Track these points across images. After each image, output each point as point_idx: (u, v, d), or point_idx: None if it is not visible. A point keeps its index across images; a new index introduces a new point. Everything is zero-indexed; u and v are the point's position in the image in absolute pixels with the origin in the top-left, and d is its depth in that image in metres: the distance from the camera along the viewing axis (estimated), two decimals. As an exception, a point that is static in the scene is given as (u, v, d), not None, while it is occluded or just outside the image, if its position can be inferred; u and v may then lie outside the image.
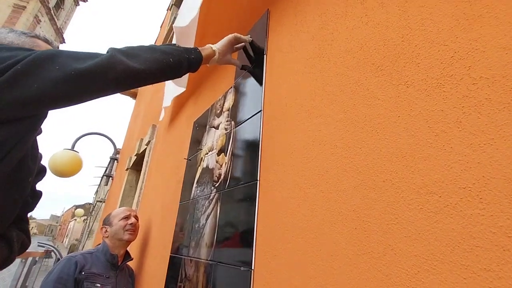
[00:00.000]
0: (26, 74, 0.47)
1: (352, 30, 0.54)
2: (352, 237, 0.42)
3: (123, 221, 1.30)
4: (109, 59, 0.55)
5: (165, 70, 0.67)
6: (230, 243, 0.73)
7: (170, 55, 0.67)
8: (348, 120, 0.49)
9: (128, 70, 0.58)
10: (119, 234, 1.27)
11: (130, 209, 1.40)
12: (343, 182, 0.46)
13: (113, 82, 0.56)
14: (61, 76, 0.49)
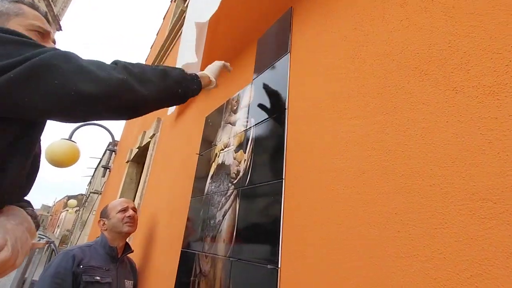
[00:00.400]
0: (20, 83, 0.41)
1: (391, 32, 0.54)
2: (394, 240, 0.42)
3: (120, 214, 1.28)
4: (118, 84, 0.49)
5: (173, 99, 0.66)
6: (252, 240, 0.73)
7: (179, 85, 0.65)
8: (388, 122, 0.49)
9: (137, 98, 0.53)
10: (118, 227, 1.26)
11: (127, 200, 1.38)
12: (382, 185, 0.47)
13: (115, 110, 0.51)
14: (60, 94, 0.44)
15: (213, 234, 0.94)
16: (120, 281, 1.22)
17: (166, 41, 3.05)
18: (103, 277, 1.14)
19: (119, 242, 1.27)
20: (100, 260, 1.17)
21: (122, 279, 1.24)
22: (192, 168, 1.30)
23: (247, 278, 0.71)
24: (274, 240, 0.65)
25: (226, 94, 1.22)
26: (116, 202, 1.36)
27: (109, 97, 0.48)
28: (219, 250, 0.87)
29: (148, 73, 0.58)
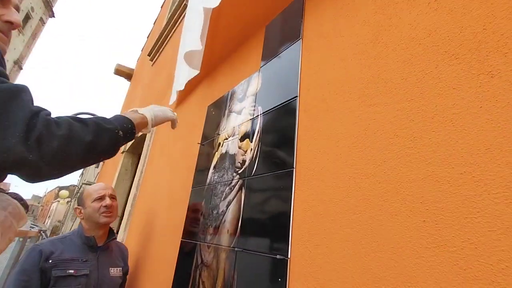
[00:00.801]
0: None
1: (417, 16, 0.52)
2: (419, 230, 0.41)
3: (96, 203, 1.15)
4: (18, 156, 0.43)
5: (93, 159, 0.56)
6: (259, 230, 0.71)
7: (105, 154, 0.57)
8: (414, 109, 0.47)
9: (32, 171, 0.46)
10: (94, 217, 1.14)
11: (104, 186, 1.22)
12: (406, 174, 0.45)
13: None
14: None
15: (216, 224, 0.91)
16: (103, 270, 1.13)
17: (165, 30, 2.98)
18: (78, 269, 1.05)
19: (98, 231, 1.16)
20: (76, 251, 1.09)
21: (106, 267, 1.15)
22: (193, 158, 1.26)
23: (253, 269, 0.68)
24: (284, 231, 0.63)
25: (230, 82, 1.19)
26: (91, 188, 1.21)
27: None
28: (223, 240, 0.84)
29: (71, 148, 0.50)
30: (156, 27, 4.52)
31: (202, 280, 0.88)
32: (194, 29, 1.35)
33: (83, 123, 0.54)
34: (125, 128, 0.63)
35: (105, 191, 1.20)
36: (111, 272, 1.16)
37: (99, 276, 1.10)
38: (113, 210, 1.19)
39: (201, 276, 0.89)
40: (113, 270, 1.17)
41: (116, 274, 1.18)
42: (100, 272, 1.11)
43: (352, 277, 0.47)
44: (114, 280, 1.16)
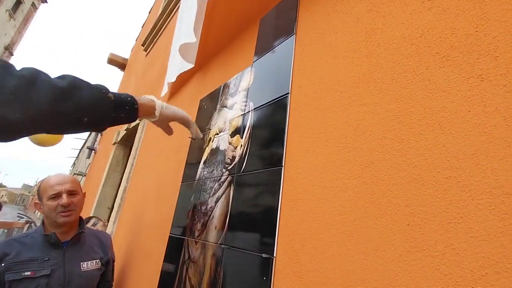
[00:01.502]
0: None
1: (410, 15, 0.51)
2: (403, 233, 0.40)
3: (52, 201, 1.01)
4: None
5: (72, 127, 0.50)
6: (246, 228, 0.71)
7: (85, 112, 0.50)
8: (402, 111, 0.46)
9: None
10: (51, 217, 1.02)
11: (61, 181, 1.05)
12: (393, 176, 0.44)
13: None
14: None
15: (204, 220, 0.91)
16: (71, 267, 1.03)
17: (159, 19, 2.91)
18: (38, 270, 0.96)
19: (60, 228, 1.05)
20: (37, 250, 1.00)
21: (75, 263, 1.05)
22: (183, 153, 1.25)
23: (239, 266, 0.68)
24: (270, 229, 0.63)
25: (223, 76, 1.16)
26: (47, 183, 1.05)
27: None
28: (210, 236, 0.84)
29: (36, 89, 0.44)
30: (151, 16, 4.43)
31: (188, 276, 0.87)
32: (189, 21, 1.31)
33: (60, 76, 0.49)
34: (121, 99, 0.57)
35: (61, 187, 1.03)
36: (83, 266, 1.07)
37: (66, 274, 1.01)
38: (73, 208, 1.05)
39: (187, 271, 0.88)
40: (86, 264, 1.08)
41: (90, 268, 1.09)
42: (68, 269, 1.02)
43: (336, 278, 0.47)
44: (87, 274, 1.07)
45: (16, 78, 0.42)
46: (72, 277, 1.03)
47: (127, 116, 0.59)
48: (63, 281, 1.01)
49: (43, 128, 0.46)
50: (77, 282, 1.04)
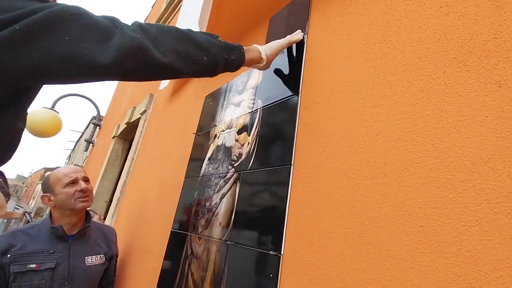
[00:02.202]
0: (26, 39, 0.37)
1: (427, 19, 0.51)
2: (416, 235, 0.41)
3: (69, 188, 1.04)
4: (131, 43, 0.45)
5: (195, 68, 0.55)
6: (252, 225, 0.71)
7: (205, 53, 0.56)
8: (418, 113, 0.47)
9: (151, 61, 0.48)
10: (69, 204, 1.03)
11: (75, 169, 1.10)
12: (406, 178, 0.45)
13: (129, 73, 0.47)
14: (70, 53, 0.39)
15: (208, 216, 0.91)
16: (75, 261, 1.04)
17: (163, 15, 2.90)
18: (42, 262, 0.96)
19: (72, 218, 1.06)
20: (43, 241, 1.00)
21: (80, 257, 1.06)
22: (187, 148, 1.25)
23: (245, 263, 0.68)
24: (278, 227, 0.63)
25: (230, 74, 1.16)
26: (60, 172, 1.07)
27: (123, 60, 0.44)
28: (215, 233, 0.84)
29: (167, 33, 0.51)
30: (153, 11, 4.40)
31: (191, 272, 0.87)
32: (194, 14, 1.31)
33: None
34: (229, 43, 0.62)
35: (77, 174, 1.08)
36: (88, 261, 1.08)
37: (70, 268, 1.02)
38: (89, 193, 1.09)
39: (190, 267, 0.88)
40: (91, 259, 1.09)
41: (94, 263, 1.10)
42: (72, 263, 1.03)
43: (345, 277, 0.47)
44: (91, 269, 1.08)
45: (154, 27, 0.51)
46: (76, 272, 1.03)
47: (237, 60, 0.63)
48: (67, 275, 1.01)
49: (176, 70, 0.53)
50: (80, 277, 1.04)
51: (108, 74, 0.44)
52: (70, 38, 0.39)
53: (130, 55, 0.44)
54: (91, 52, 0.41)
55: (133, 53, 0.45)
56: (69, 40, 0.39)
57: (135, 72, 0.47)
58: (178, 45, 0.52)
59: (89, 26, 0.41)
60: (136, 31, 0.47)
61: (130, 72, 0.46)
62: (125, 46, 0.44)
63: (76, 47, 0.40)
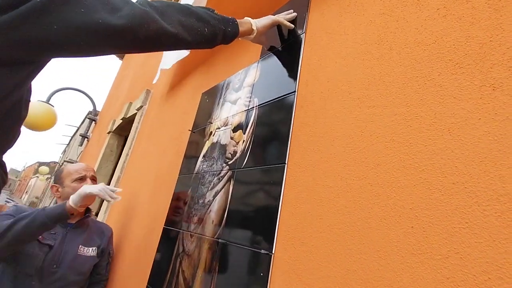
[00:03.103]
0: (45, 12, 0.41)
1: (424, 21, 0.51)
2: (407, 236, 0.41)
3: (76, 183, 1.12)
4: (142, 14, 0.50)
5: (198, 39, 0.61)
6: (244, 224, 0.71)
7: (206, 24, 0.62)
8: (412, 115, 0.46)
9: (161, 30, 0.53)
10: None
11: (85, 167, 1.18)
12: (399, 179, 0.44)
13: (141, 41, 0.51)
14: (87, 22, 0.43)
15: (201, 214, 0.90)
16: (69, 246, 1.10)
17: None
18: (45, 237, 1.04)
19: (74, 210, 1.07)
20: None
21: (74, 244, 1.11)
22: (182, 145, 1.24)
23: (236, 261, 0.68)
24: (270, 226, 0.63)
25: (227, 70, 1.16)
26: (72, 167, 1.16)
27: (136, 28, 0.48)
28: (207, 230, 0.83)
29: (170, 7, 0.56)
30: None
31: (182, 269, 0.86)
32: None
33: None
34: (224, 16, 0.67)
35: (86, 172, 1.16)
36: (80, 249, 1.12)
37: (62, 252, 1.07)
38: None
39: (181, 264, 0.88)
40: (84, 249, 1.14)
41: (86, 254, 1.14)
42: (66, 247, 1.08)
43: (335, 277, 0.47)
44: (81, 258, 1.12)
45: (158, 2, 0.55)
46: (65, 257, 1.08)
47: (233, 31, 0.69)
48: (56, 258, 1.06)
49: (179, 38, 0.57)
50: (68, 263, 1.08)
51: (122, 41, 0.48)
52: (86, 10, 0.43)
53: (141, 24, 0.49)
54: (106, 20, 0.45)
55: (144, 24, 0.49)
56: (84, 12, 0.43)
57: (145, 40, 0.51)
58: (181, 17, 0.57)
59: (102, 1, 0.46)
60: (144, 5, 0.51)
61: (141, 40, 0.50)
62: (137, 16, 0.48)
63: (92, 17, 0.44)
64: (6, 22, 0.39)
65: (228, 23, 0.68)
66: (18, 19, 0.40)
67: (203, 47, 0.66)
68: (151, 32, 0.51)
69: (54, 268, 1.04)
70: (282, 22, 0.83)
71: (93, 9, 0.44)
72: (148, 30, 0.50)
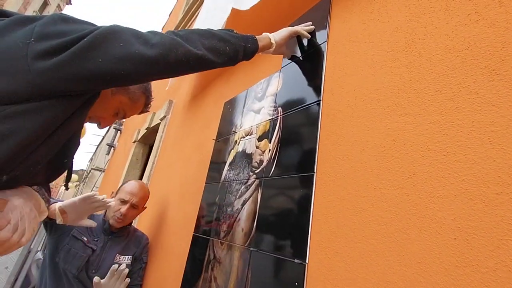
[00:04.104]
0: (92, 48, 0.48)
1: (455, 27, 0.50)
2: (450, 247, 0.40)
3: (118, 204, 1.22)
4: (171, 41, 0.56)
5: (221, 58, 0.66)
6: (275, 232, 0.72)
7: (227, 43, 0.66)
8: (448, 123, 0.46)
9: (188, 53, 0.58)
10: (111, 212, 1.23)
11: (134, 192, 1.26)
12: (437, 189, 0.44)
13: (172, 65, 0.56)
14: (125, 54, 0.50)
15: (229, 222, 0.92)
16: (108, 254, 1.20)
17: (180, 24, 2.97)
18: (89, 240, 1.16)
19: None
20: (98, 226, 1.17)
21: (112, 252, 1.21)
22: (207, 154, 1.27)
23: (269, 270, 0.69)
24: (302, 235, 0.64)
25: (249, 80, 1.18)
26: (126, 187, 1.27)
27: (166, 54, 0.54)
28: (237, 238, 0.85)
29: (194, 33, 0.62)
30: (171, 19, 4.52)
31: (214, 276, 0.89)
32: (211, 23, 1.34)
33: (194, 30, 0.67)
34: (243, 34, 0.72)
35: (131, 197, 1.24)
36: (117, 258, 1.22)
37: (102, 258, 1.18)
38: (124, 218, 1.23)
39: (213, 271, 0.90)
40: (120, 257, 1.23)
41: (121, 262, 1.22)
42: (105, 254, 1.19)
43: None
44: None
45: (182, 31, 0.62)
46: (103, 264, 1.18)
47: (253, 47, 0.73)
48: (96, 264, 1.16)
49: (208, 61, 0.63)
50: (105, 270, 1.16)
51: (156, 67, 0.53)
52: (124, 44, 0.50)
53: (171, 50, 0.55)
54: (140, 51, 0.51)
55: (173, 49, 0.55)
56: (123, 45, 0.50)
57: (176, 63, 0.56)
58: (204, 40, 0.62)
59: (134, 34, 0.53)
60: (170, 34, 0.57)
61: (172, 64, 0.55)
62: (167, 44, 0.54)
63: (129, 49, 0.50)
64: (63, 60, 0.46)
65: (248, 40, 0.72)
66: (72, 56, 0.46)
67: (227, 65, 0.70)
68: (180, 55, 0.56)
69: (93, 272, 1.14)
70: (299, 31, 0.86)
71: (129, 43, 0.51)
72: (177, 54, 0.56)
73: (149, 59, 0.52)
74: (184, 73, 0.62)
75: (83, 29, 0.49)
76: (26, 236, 0.54)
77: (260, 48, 0.76)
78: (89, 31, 0.48)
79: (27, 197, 0.56)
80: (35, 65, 0.45)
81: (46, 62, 0.45)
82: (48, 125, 0.48)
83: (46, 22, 0.48)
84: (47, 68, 0.45)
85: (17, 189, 0.54)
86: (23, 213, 0.53)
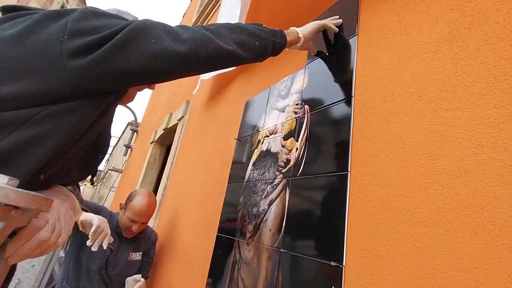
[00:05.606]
0: (125, 46, 0.47)
1: (507, 13, 0.47)
2: (510, 251, 0.37)
3: (128, 221, 1.30)
4: (201, 36, 0.54)
5: (251, 53, 0.64)
6: (308, 234, 0.70)
7: (257, 38, 0.65)
8: (503, 117, 0.43)
9: (218, 49, 0.57)
10: (121, 225, 1.32)
11: (144, 212, 1.31)
12: (494, 188, 0.41)
13: (203, 61, 0.55)
14: (157, 50, 0.49)
15: (256, 222, 0.91)
16: (122, 254, 1.33)
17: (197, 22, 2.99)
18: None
19: None
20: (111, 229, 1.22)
21: (126, 252, 1.34)
22: (228, 153, 1.27)
23: (301, 272, 0.67)
24: (337, 237, 0.61)
25: (271, 78, 1.16)
26: (135, 205, 1.30)
27: (197, 50, 0.53)
28: (264, 239, 0.84)
29: (223, 28, 0.60)
30: (185, 19, 4.56)
31: (241, 277, 0.88)
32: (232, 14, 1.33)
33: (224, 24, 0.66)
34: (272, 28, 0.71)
35: (139, 218, 1.30)
36: (130, 256, 1.36)
37: (118, 257, 1.32)
38: (136, 233, 1.34)
39: (240, 272, 0.89)
40: (133, 254, 1.37)
41: (134, 258, 1.37)
42: (120, 254, 1.33)
43: (423, 293, 0.44)
44: (130, 263, 1.36)
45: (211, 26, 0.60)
46: (119, 263, 1.33)
47: (281, 42, 0.72)
48: (113, 262, 1.30)
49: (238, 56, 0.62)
50: (122, 268, 1.32)
51: (187, 63, 0.53)
52: (155, 40, 0.49)
53: (202, 46, 0.53)
54: (172, 47, 0.50)
55: (204, 44, 0.54)
56: (154, 42, 0.49)
57: (206, 59, 0.55)
58: (234, 35, 0.61)
59: (166, 30, 0.51)
60: (200, 29, 0.56)
61: (203, 60, 0.54)
62: (197, 40, 0.53)
63: (161, 45, 0.49)
64: (97, 58, 0.45)
65: (276, 34, 0.71)
66: (106, 54, 0.46)
67: (256, 60, 0.68)
68: (210, 51, 0.55)
69: (111, 270, 1.29)
70: (327, 25, 0.83)
71: (161, 39, 0.50)
72: (207, 50, 0.55)
73: (180, 55, 0.51)
74: (214, 69, 0.61)
75: (115, 24, 0.48)
76: (62, 237, 0.55)
77: (288, 42, 0.74)
78: (121, 27, 0.47)
79: (63, 197, 0.56)
80: (70, 63, 0.44)
81: (80, 60, 0.45)
82: (84, 124, 0.48)
83: (78, 17, 0.47)
84: (82, 66, 0.45)
85: (53, 190, 0.55)
86: (60, 214, 0.54)
